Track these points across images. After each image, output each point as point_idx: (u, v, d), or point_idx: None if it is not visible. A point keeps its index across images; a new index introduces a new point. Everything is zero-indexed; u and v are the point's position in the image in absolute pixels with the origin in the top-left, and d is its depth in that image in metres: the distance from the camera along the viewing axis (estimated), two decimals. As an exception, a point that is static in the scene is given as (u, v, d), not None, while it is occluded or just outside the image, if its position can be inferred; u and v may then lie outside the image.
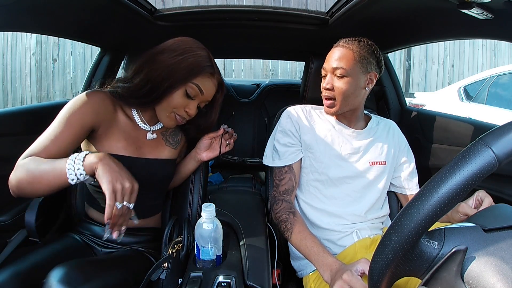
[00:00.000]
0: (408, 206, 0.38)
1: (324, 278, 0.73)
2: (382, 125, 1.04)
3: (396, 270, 0.40)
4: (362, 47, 0.90)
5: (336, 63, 0.90)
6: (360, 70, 0.90)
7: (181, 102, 0.81)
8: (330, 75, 0.92)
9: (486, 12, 0.71)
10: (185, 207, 1.05)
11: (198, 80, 0.80)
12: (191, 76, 0.79)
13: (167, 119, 0.84)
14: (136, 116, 0.87)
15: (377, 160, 0.97)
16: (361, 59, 0.89)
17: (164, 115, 0.83)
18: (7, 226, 0.92)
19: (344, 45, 0.91)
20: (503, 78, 3.15)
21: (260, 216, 1.00)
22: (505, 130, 0.35)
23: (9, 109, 1.02)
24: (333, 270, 0.71)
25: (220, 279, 0.72)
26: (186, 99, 0.81)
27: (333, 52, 0.93)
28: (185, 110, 0.82)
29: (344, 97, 0.91)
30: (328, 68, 0.92)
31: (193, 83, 0.79)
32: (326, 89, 0.92)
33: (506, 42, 1.66)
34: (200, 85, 0.80)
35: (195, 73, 0.79)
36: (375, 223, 0.96)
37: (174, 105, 0.81)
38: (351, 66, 0.88)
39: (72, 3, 0.86)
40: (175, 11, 1.12)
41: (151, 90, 0.79)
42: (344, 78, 0.89)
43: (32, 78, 5.26)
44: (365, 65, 0.90)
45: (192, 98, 0.81)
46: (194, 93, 0.81)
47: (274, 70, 5.51)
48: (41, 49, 5.21)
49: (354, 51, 0.89)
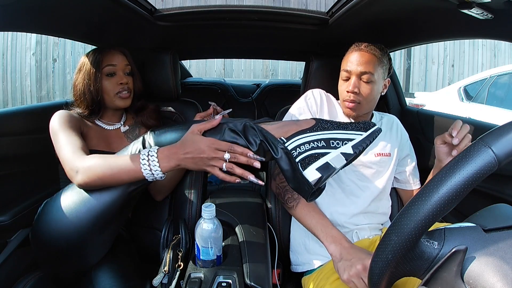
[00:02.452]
0: (408, 206, 0.38)
1: (330, 249, 0.74)
2: (385, 120, 1.06)
3: (396, 270, 0.40)
4: (383, 53, 0.93)
5: (364, 67, 0.90)
6: (381, 76, 0.92)
7: (111, 82, 0.96)
8: (355, 79, 0.91)
9: (486, 12, 0.71)
10: (185, 207, 1.04)
11: (104, 62, 0.95)
12: (99, 67, 0.95)
13: (119, 101, 0.98)
14: (99, 122, 1.00)
15: (382, 152, 0.98)
16: (382, 65, 0.92)
17: (114, 100, 0.98)
18: (7, 226, 0.92)
19: (367, 50, 0.92)
20: (503, 78, 3.15)
21: (260, 216, 1.00)
22: (505, 130, 0.36)
23: (9, 109, 1.02)
24: (343, 244, 0.74)
25: (220, 279, 0.72)
26: (111, 78, 0.97)
27: (357, 55, 0.92)
28: (119, 83, 0.97)
29: (367, 101, 0.92)
30: (355, 72, 0.91)
31: (104, 67, 0.95)
32: (352, 93, 0.92)
33: (506, 42, 1.66)
34: (108, 63, 0.96)
35: (99, 64, 0.95)
36: (374, 222, 0.96)
37: (111, 89, 0.96)
38: (377, 71, 0.90)
39: (72, 3, 0.86)
40: (175, 11, 1.12)
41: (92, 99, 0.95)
42: (370, 83, 0.91)
43: (32, 78, 5.25)
44: (385, 71, 0.93)
45: (114, 74, 0.97)
46: (111, 70, 0.96)
47: (274, 70, 5.50)
48: (41, 49, 5.21)
49: (378, 57, 0.91)
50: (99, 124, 1.00)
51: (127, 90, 0.99)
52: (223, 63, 5.41)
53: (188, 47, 1.64)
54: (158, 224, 1.06)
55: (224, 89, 2.05)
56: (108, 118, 1.03)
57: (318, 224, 0.79)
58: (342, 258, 0.71)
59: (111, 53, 0.98)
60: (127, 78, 0.99)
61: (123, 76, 0.99)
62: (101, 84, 0.96)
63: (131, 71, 1.02)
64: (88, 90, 0.94)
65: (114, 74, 0.97)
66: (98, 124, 1.00)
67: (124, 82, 0.98)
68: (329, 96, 1.03)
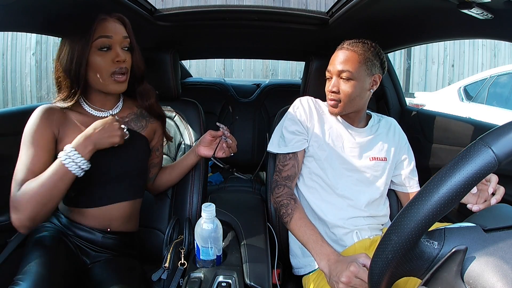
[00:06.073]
0: (408, 206, 0.38)
1: (321, 266, 0.74)
2: (383, 122, 1.05)
3: (396, 270, 0.40)
4: (367, 49, 0.91)
5: (342, 66, 0.90)
6: (365, 72, 0.91)
7: (105, 58, 0.78)
8: (336, 78, 0.92)
9: (486, 12, 0.71)
10: (185, 207, 1.04)
11: (98, 32, 0.77)
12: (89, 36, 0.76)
13: (112, 85, 0.81)
14: (87, 107, 0.85)
15: (377, 156, 0.98)
16: (366, 61, 0.90)
17: (107, 83, 0.80)
18: (7, 226, 0.92)
19: (348, 47, 0.92)
20: (503, 78, 3.15)
21: (260, 216, 1.00)
22: (505, 130, 0.35)
23: (9, 109, 1.02)
24: (330, 260, 0.72)
25: (220, 279, 0.72)
26: (106, 53, 0.78)
27: (337, 54, 0.93)
28: (115, 61, 0.79)
29: (349, 99, 0.92)
30: (334, 71, 0.92)
31: (97, 39, 0.77)
32: (332, 92, 0.93)
33: (506, 42, 1.66)
34: (102, 34, 0.77)
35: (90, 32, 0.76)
36: (374, 223, 0.96)
37: (103, 66, 0.78)
38: (357, 69, 0.89)
39: (72, 3, 0.86)
40: (175, 11, 1.12)
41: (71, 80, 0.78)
42: (350, 81, 0.90)
43: (32, 78, 5.25)
44: (370, 67, 0.91)
45: (108, 47, 0.78)
46: (105, 43, 0.78)
47: (274, 70, 5.50)
48: (41, 49, 5.20)
49: (359, 54, 0.90)
50: (88, 111, 0.85)
51: (124, 71, 0.81)
52: (223, 63, 5.41)
53: (188, 47, 1.64)
54: (158, 224, 1.06)
55: (224, 89, 2.05)
56: (99, 103, 0.86)
57: (310, 240, 0.78)
58: (331, 273, 0.70)
59: (106, 21, 0.78)
60: (125, 55, 0.81)
61: (121, 51, 0.80)
62: (90, 61, 0.77)
63: (130, 45, 0.84)
64: (70, 66, 0.76)
65: (109, 48, 0.79)
66: (87, 111, 0.85)
67: (121, 59, 0.79)
68: (317, 102, 1.04)
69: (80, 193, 0.82)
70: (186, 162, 1.01)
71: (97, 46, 0.77)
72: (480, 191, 0.73)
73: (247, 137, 1.97)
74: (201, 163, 1.07)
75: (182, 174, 1.03)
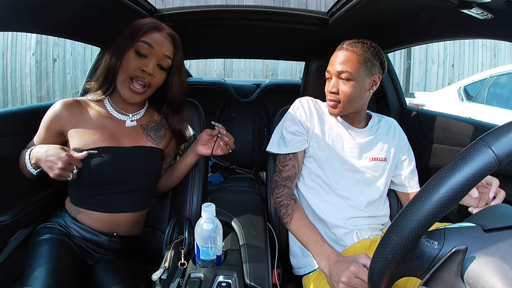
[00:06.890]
0: (408, 206, 0.38)
1: (321, 266, 0.74)
2: (383, 123, 1.05)
3: (396, 270, 0.40)
4: (366, 49, 0.91)
5: (341, 66, 0.90)
6: (365, 73, 0.90)
7: (135, 63, 0.78)
8: (335, 79, 0.92)
9: (486, 12, 0.71)
10: (185, 207, 1.04)
11: (145, 37, 0.79)
12: (136, 36, 0.78)
13: (126, 91, 0.81)
14: (110, 107, 0.87)
15: (377, 156, 0.98)
16: (366, 62, 0.90)
17: (123, 87, 0.81)
18: (7, 226, 0.92)
19: (348, 48, 0.91)
20: (503, 78, 3.15)
21: (260, 216, 1.00)
22: (505, 130, 0.35)
23: (9, 109, 1.02)
24: (331, 260, 0.72)
25: (220, 279, 0.72)
26: (139, 59, 0.78)
27: (337, 55, 0.93)
28: (142, 69, 0.79)
29: (349, 100, 0.92)
30: (333, 72, 0.92)
31: (140, 41, 0.78)
32: (331, 93, 0.93)
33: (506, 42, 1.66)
34: (147, 40, 0.78)
35: (138, 32, 0.78)
36: (374, 223, 0.96)
37: (129, 68, 0.79)
38: (356, 69, 0.89)
39: (72, 3, 0.86)
40: (175, 11, 1.12)
41: (107, 71, 0.81)
42: (350, 81, 0.90)
43: (32, 78, 5.25)
44: (370, 67, 0.91)
45: (145, 56, 0.79)
46: (144, 50, 0.78)
47: (274, 70, 5.50)
48: (41, 49, 5.21)
49: (359, 54, 0.90)
50: (109, 111, 0.86)
51: (145, 84, 0.80)
52: (223, 63, 5.41)
53: (188, 47, 1.63)
54: (159, 224, 1.06)
55: (224, 89, 2.05)
56: (122, 106, 0.87)
57: (310, 240, 0.78)
58: (331, 273, 0.70)
59: (157, 31, 0.80)
60: (155, 71, 0.80)
61: (153, 66, 0.79)
62: (124, 58, 0.78)
63: (169, 67, 0.83)
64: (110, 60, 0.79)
65: (145, 57, 0.78)
66: (108, 111, 0.86)
67: (147, 70, 0.78)
68: (317, 102, 1.04)
69: (91, 196, 0.84)
70: (186, 162, 1.01)
71: (136, 48, 0.78)
72: (481, 195, 0.73)
73: (247, 137, 1.97)
74: (201, 163, 1.07)
75: (183, 174, 1.04)
